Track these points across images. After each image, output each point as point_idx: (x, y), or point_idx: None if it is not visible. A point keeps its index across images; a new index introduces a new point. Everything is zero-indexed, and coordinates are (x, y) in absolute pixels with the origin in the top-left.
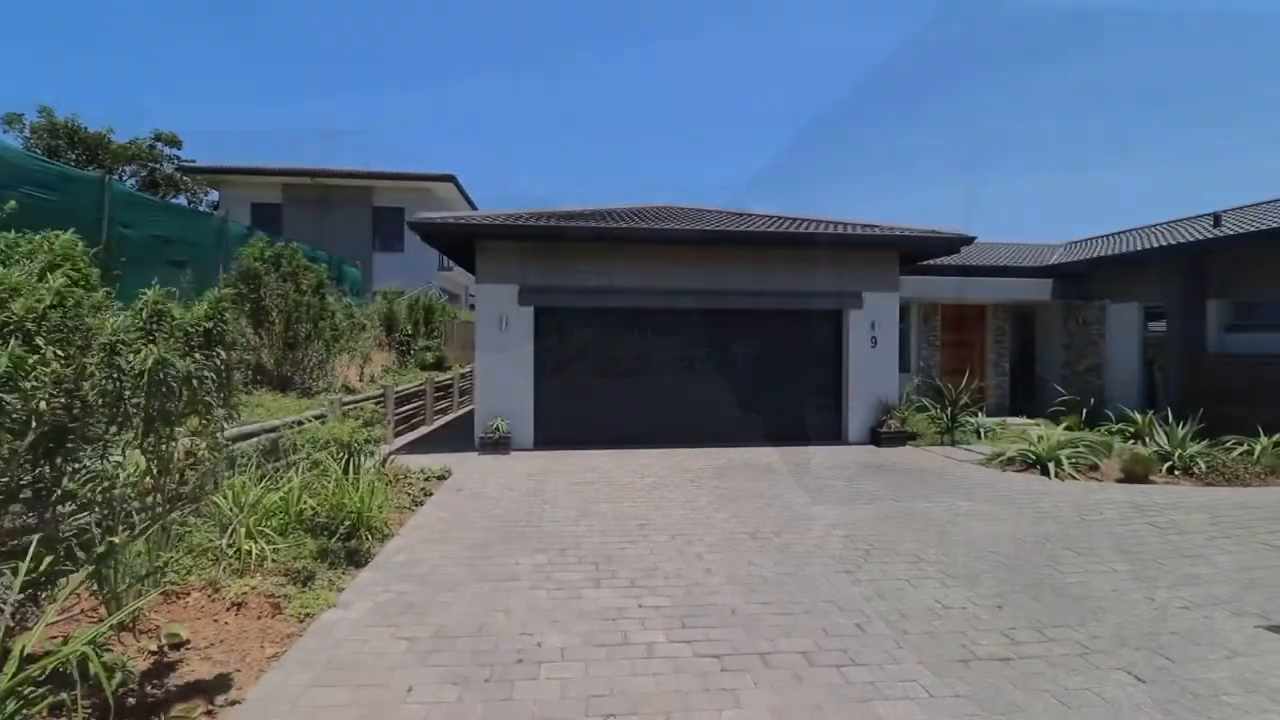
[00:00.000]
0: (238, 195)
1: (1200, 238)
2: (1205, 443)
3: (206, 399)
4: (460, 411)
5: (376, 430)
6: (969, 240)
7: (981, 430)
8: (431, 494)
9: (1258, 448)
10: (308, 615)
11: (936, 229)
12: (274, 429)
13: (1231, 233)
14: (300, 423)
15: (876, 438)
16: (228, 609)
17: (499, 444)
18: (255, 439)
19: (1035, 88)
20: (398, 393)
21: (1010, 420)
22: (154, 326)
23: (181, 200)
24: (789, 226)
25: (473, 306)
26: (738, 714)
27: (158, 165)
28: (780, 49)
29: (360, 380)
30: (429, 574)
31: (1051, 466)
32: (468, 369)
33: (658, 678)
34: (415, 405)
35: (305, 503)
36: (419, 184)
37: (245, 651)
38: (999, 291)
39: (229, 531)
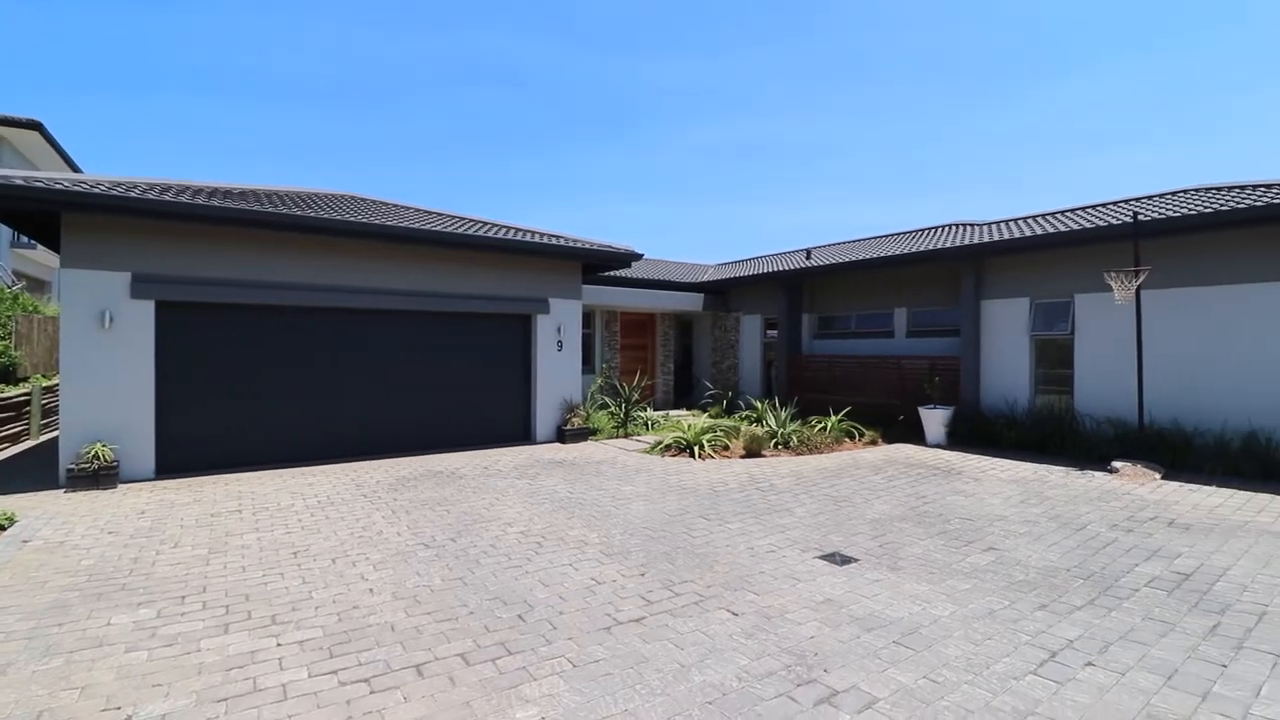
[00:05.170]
0: None
1: (797, 267)
2: (799, 423)
3: None
4: (46, 437)
5: None
6: (638, 256)
7: (649, 423)
8: None
9: (829, 424)
10: None
11: (612, 244)
12: None
13: (815, 265)
14: None
15: (562, 435)
16: None
17: (100, 476)
18: None
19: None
20: None
21: (673, 412)
22: None
23: None
24: (479, 230)
25: None
26: None
27: None
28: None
29: None
30: None
31: (697, 450)
32: (57, 380)
33: None
34: None
35: None
36: None
37: None
38: (665, 302)
39: None
